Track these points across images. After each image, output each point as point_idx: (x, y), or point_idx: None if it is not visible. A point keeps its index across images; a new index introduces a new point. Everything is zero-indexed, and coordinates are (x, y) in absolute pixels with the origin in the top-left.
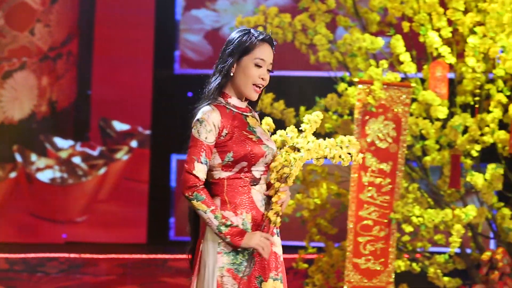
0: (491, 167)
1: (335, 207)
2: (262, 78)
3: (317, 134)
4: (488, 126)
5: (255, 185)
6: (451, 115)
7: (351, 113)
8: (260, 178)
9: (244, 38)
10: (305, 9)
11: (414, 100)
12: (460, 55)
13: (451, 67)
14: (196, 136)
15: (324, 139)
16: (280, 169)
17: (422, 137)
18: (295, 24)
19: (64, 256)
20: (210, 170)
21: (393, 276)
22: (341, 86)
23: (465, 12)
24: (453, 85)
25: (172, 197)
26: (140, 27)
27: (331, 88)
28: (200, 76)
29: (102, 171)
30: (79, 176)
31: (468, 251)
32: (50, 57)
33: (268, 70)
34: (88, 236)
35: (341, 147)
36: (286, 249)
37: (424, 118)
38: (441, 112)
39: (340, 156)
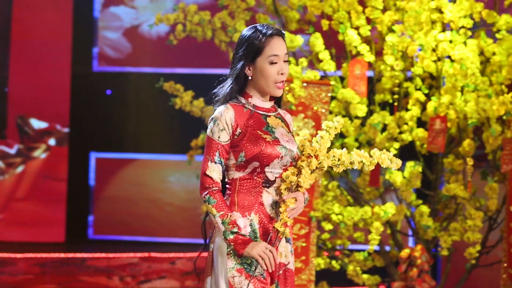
0: (409, 164)
1: None
2: (282, 74)
3: None
4: (406, 124)
5: (268, 187)
6: (370, 113)
7: None
8: (274, 181)
9: (252, 38)
10: (225, 6)
11: (333, 98)
12: (379, 53)
13: (370, 65)
14: (210, 135)
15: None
16: (288, 178)
17: (342, 135)
18: (215, 22)
19: None
20: (226, 171)
21: (314, 274)
22: None
23: (384, 10)
24: (372, 83)
25: (90, 195)
26: (58, 24)
27: None
28: (119, 73)
29: (20, 169)
30: None
31: (387, 248)
32: None
33: (285, 61)
34: (5, 235)
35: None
36: (191, 247)
37: (344, 116)
38: (360, 110)
39: (362, 162)
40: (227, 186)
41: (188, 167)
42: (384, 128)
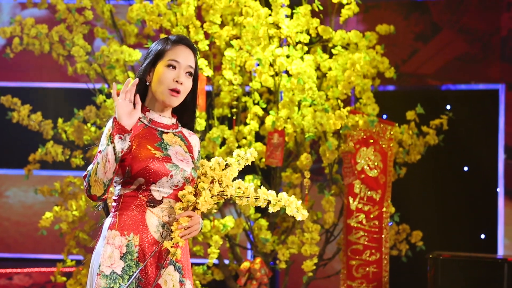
0: (248, 178)
1: (94, 220)
2: (177, 81)
3: (75, 146)
4: (245, 138)
5: (153, 206)
6: (209, 127)
7: None
8: (161, 201)
9: (159, 44)
10: (63, 20)
11: None
12: (217, 68)
13: (208, 79)
14: (98, 146)
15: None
16: (185, 197)
17: None
18: (52, 35)
19: None
20: (114, 187)
21: None
22: (100, 98)
23: (222, 25)
24: (211, 98)
25: None
26: None
27: (89, 100)
28: None
29: None
30: None
31: (226, 261)
32: None
33: (190, 74)
34: None
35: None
36: (44, 262)
37: None
38: (199, 124)
39: (266, 199)
40: (112, 204)
41: (26, 182)
42: (223, 142)
